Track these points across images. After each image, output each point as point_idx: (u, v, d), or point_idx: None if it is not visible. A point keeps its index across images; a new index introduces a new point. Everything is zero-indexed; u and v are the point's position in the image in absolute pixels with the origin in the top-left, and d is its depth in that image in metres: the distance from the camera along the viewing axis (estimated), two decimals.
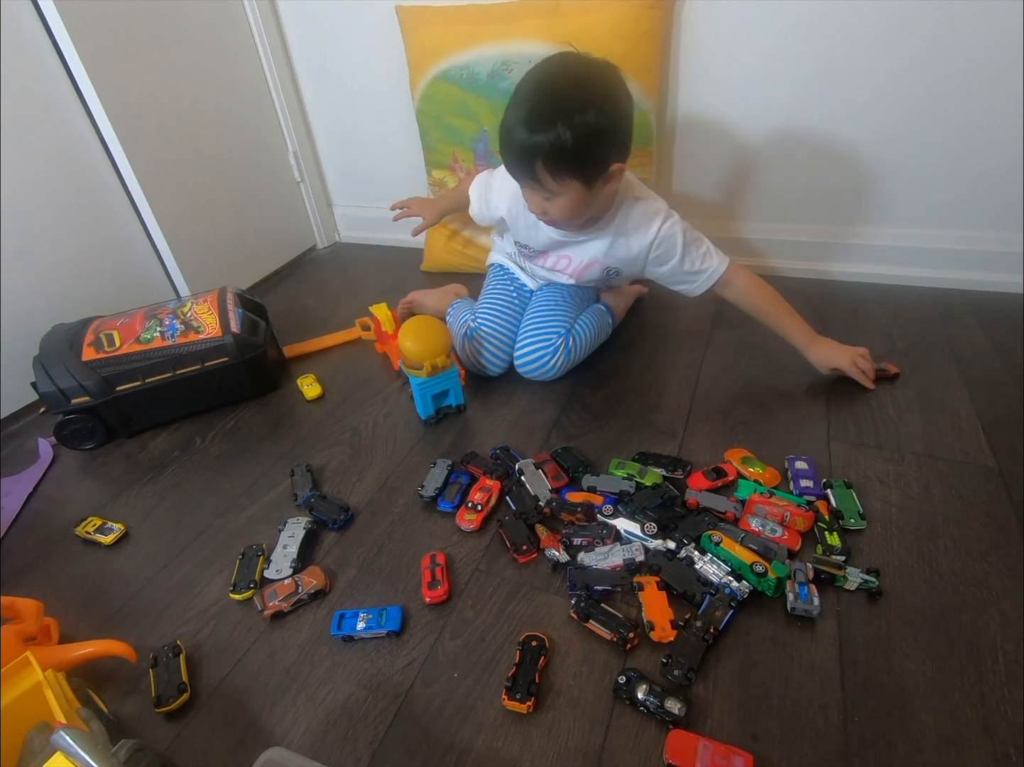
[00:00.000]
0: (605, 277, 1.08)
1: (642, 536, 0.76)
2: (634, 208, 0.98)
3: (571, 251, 1.06)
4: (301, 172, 1.72)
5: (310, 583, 0.75)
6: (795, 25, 1.14)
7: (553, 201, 0.89)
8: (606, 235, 1.00)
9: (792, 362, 1.09)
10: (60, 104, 1.19)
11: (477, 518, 0.82)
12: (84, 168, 1.24)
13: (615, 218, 0.98)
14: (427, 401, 1.00)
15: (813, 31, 1.14)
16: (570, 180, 0.85)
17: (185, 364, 1.07)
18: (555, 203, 0.89)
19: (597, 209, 0.95)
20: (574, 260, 1.07)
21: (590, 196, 0.88)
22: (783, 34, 1.16)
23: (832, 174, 1.27)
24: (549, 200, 0.89)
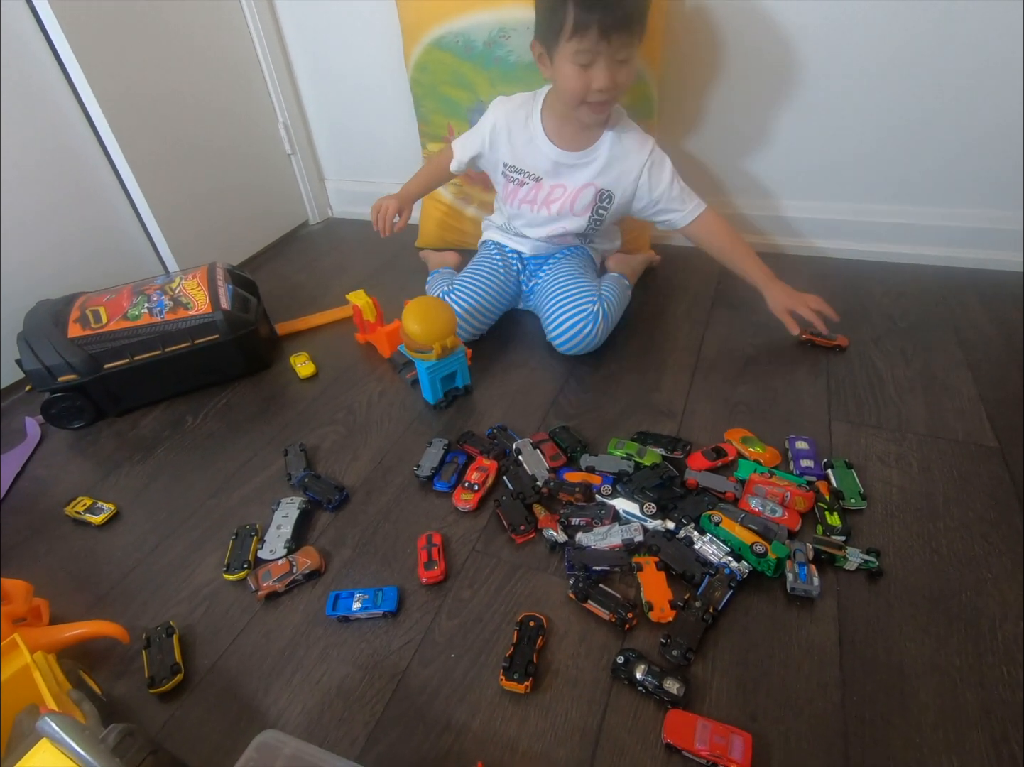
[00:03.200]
0: (597, 203, 1.07)
1: (641, 516, 0.75)
2: (628, 129, 1.03)
3: (566, 178, 1.06)
4: (292, 144, 1.67)
5: (305, 563, 0.74)
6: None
7: (627, 66, 0.91)
8: (600, 155, 1.02)
9: (792, 343, 1.08)
10: (45, 81, 1.14)
11: (474, 498, 0.81)
12: (70, 143, 1.20)
13: (609, 136, 1.02)
14: (436, 385, 0.98)
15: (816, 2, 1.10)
16: (640, 38, 0.90)
17: (174, 341, 1.04)
18: (628, 67, 0.91)
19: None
20: (569, 187, 1.06)
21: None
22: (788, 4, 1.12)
23: (833, 150, 1.24)
24: (625, 65, 0.90)
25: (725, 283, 1.29)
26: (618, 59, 0.89)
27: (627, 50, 0.89)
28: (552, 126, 1.04)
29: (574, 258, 1.17)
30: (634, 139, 1.03)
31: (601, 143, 1.02)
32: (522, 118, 1.05)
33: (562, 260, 1.17)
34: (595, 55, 0.88)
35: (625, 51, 0.89)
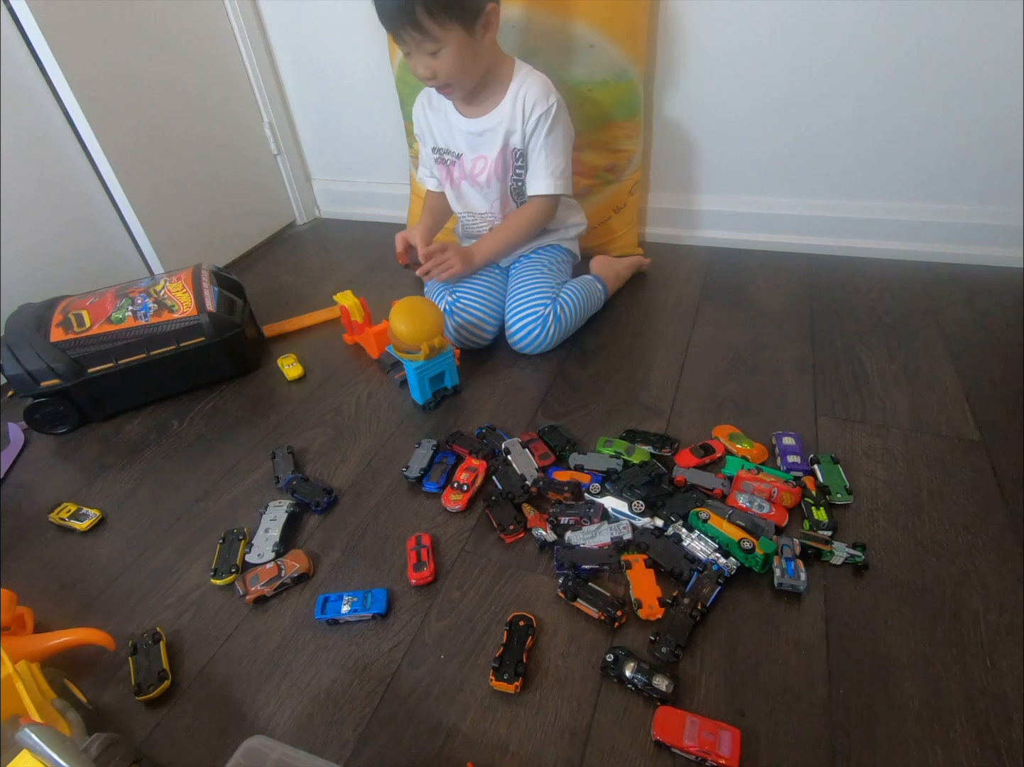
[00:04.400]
0: (513, 162, 1.06)
1: (630, 514, 0.75)
2: (533, 84, 0.99)
3: (484, 148, 1.06)
4: (278, 144, 1.66)
5: (293, 567, 0.73)
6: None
7: (440, 57, 0.89)
8: (504, 115, 1.01)
9: (780, 338, 1.09)
10: (25, 84, 1.13)
11: (463, 498, 0.81)
12: (49, 143, 1.19)
13: (511, 94, 1.00)
14: (424, 385, 0.97)
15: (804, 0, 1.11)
16: (451, 24, 0.86)
17: (159, 344, 1.03)
18: (442, 58, 0.89)
19: (483, 66, 0.96)
20: (490, 156, 1.06)
21: (473, 43, 0.90)
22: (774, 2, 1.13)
23: (819, 147, 1.25)
24: (436, 57, 0.89)
25: (712, 280, 1.29)
26: (425, 51, 0.89)
27: (429, 44, 0.88)
28: (462, 106, 1.05)
29: (542, 257, 1.16)
30: (541, 85, 0.99)
31: (504, 103, 1.00)
32: (434, 99, 1.07)
33: (531, 259, 1.17)
34: (406, 48, 0.90)
35: (429, 45, 0.88)
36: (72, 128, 1.21)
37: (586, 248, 1.33)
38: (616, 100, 1.24)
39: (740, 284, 1.27)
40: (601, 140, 1.28)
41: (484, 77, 0.99)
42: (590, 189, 1.34)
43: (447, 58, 0.90)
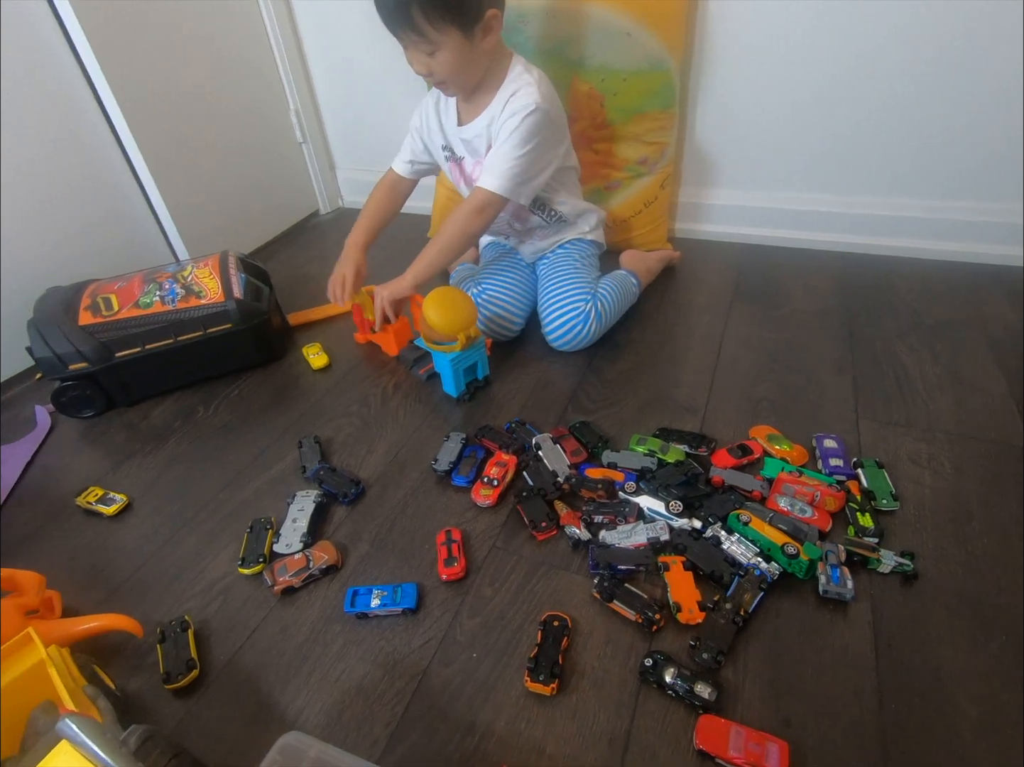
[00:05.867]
0: None
1: (667, 515, 0.73)
2: (524, 84, 0.94)
3: (477, 151, 1.02)
4: (303, 132, 1.65)
5: (321, 558, 0.72)
6: None
7: (436, 57, 0.88)
8: (492, 112, 0.96)
9: (817, 337, 1.06)
10: (59, 68, 1.13)
11: (493, 493, 0.79)
12: (83, 132, 1.19)
13: (498, 99, 0.95)
14: (459, 377, 0.95)
15: None
16: (449, 27, 0.84)
17: (186, 330, 1.02)
18: (439, 59, 0.88)
19: (481, 68, 0.93)
20: (483, 158, 1.02)
21: (471, 47, 0.88)
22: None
23: (854, 142, 1.21)
24: (432, 57, 0.88)
25: (745, 277, 1.26)
26: (422, 50, 0.87)
27: (426, 45, 0.86)
28: (461, 101, 1.02)
29: (571, 252, 1.14)
30: (522, 100, 0.92)
31: (491, 108, 0.96)
32: (443, 99, 1.04)
33: (558, 254, 1.14)
34: (404, 44, 0.89)
35: (425, 45, 0.86)
36: (106, 118, 1.21)
37: (615, 242, 1.30)
38: (651, 90, 1.21)
39: (773, 282, 1.24)
40: (634, 132, 1.26)
41: (482, 79, 0.96)
42: (621, 182, 1.32)
43: (443, 60, 0.88)
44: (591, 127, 1.27)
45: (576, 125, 1.24)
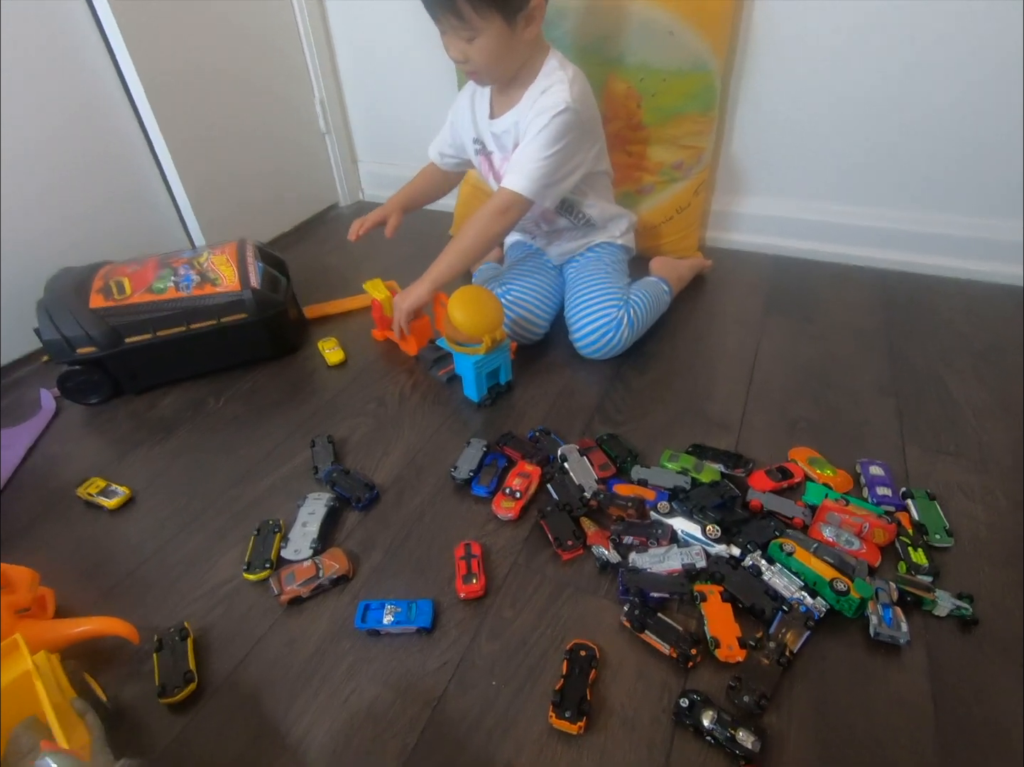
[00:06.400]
0: None
1: (704, 539, 0.68)
2: (558, 81, 0.90)
3: (507, 149, 0.98)
4: (327, 123, 1.62)
5: (332, 567, 0.68)
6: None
7: (475, 44, 0.84)
8: (520, 118, 0.92)
9: (855, 356, 1.01)
10: (82, 47, 1.10)
11: (516, 506, 0.75)
12: (104, 112, 1.15)
13: (528, 95, 0.91)
14: (482, 381, 0.91)
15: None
16: (492, 14, 0.81)
17: (200, 318, 0.98)
18: (477, 45, 0.84)
19: (518, 59, 0.89)
20: (510, 155, 0.97)
21: (511, 36, 0.84)
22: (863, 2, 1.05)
23: (898, 154, 1.16)
24: (471, 43, 0.84)
25: (777, 290, 1.21)
26: (461, 36, 0.84)
27: (466, 31, 0.83)
28: (495, 93, 0.98)
29: (601, 256, 1.10)
30: (554, 97, 0.88)
31: (521, 104, 0.92)
32: (479, 91, 1.00)
33: (587, 258, 1.10)
34: (442, 28, 0.86)
35: (465, 31, 0.83)
36: (129, 99, 1.17)
37: (643, 249, 1.26)
38: (691, 92, 1.16)
39: (807, 296, 1.19)
40: (671, 135, 1.21)
41: (517, 72, 0.92)
42: (654, 187, 1.27)
43: (481, 47, 0.84)
44: (626, 128, 1.22)
45: (611, 125, 1.20)
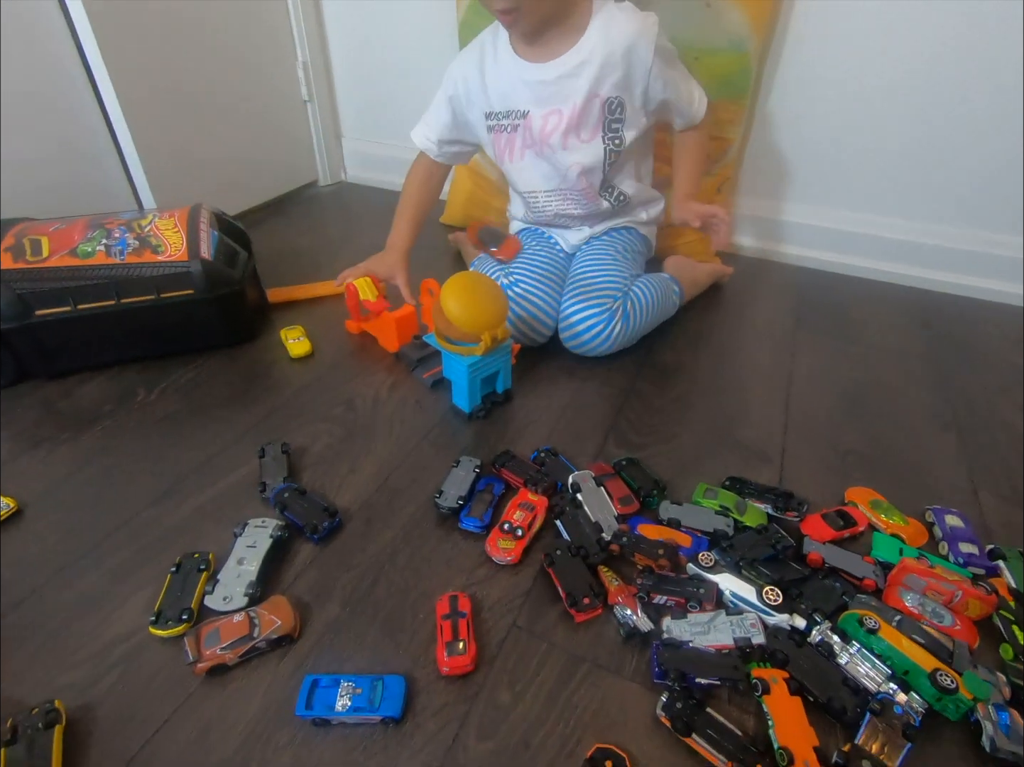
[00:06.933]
0: (606, 116, 0.85)
1: (760, 606, 0.53)
2: (620, 12, 0.80)
3: (558, 99, 0.84)
4: (310, 90, 1.45)
5: (271, 623, 0.51)
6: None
7: None
8: (593, 56, 0.81)
9: (902, 382, 0.88)
10: None
11: (516, 547, 0.59)
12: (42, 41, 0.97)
13: (596, 28, 0.80)
14: (476, 388, 0.76)
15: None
16: None
17: (134, 291, 0.81)
18: None
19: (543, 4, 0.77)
20: (565, 109, 0.85)
21: None
22: None
23: (945, 164, 1.05)
24: None
25: (807, 304, 1.09)
26: None
27: None
28: (523, 45, 0.84)
29: (615, 241, 0.96)
30: (631, 23, 0.79)
31: (586, 41, 0.81)
32: (490, 54, 0.87)
33: (602, 241, 0.97)
34: None
35: None
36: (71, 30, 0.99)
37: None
38: (726, 75, 1.03)
39: (840, 312, 1.07)
40: None
41: (556, 13, 0.78)
42: None
43: None
44: None
45: None
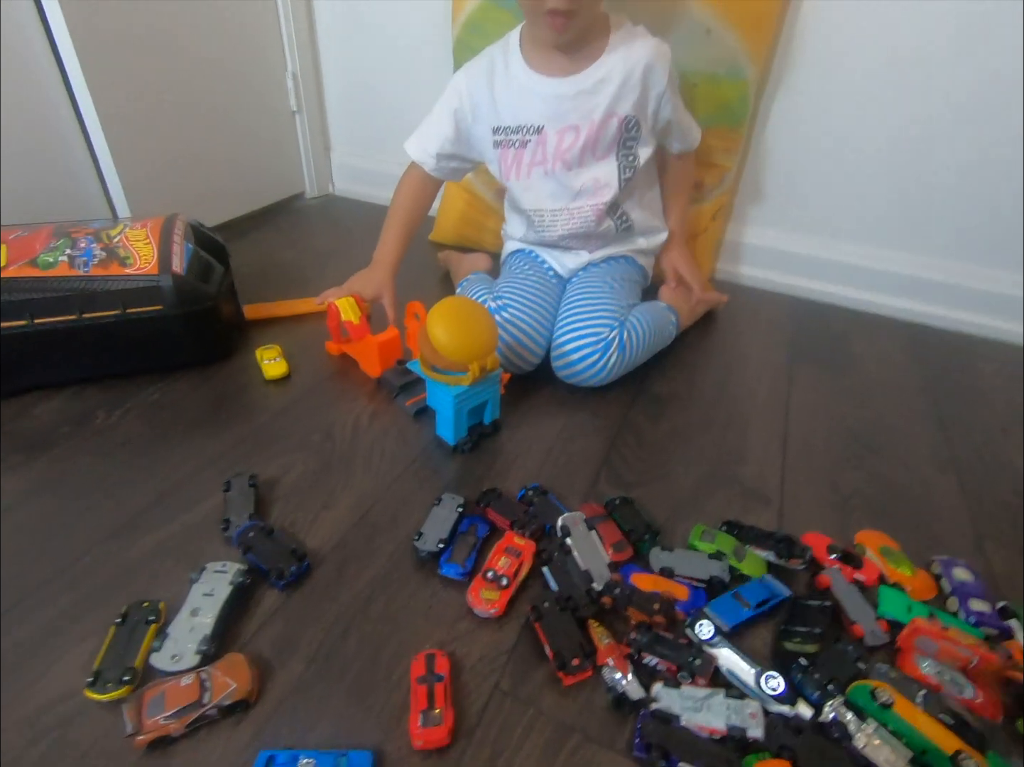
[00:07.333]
0: (623, 135, 0.84)
1: (757, 690, 0.48)
2: (638, 36, 0.81)
3: (575, 115, 0.83)
4: (299, 100, 1.41)
5: (225, 686, 0.45)
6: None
7: None
8: (612, 73, 0.80)
9: (900, 419, 0.86)
10: None
11: (500, 598, 0.54)
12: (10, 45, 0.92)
13: (618, 47, 0.80)
14: (462, 419, 0.71)
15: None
16: None
17: (98, 305, 0.76)
18: None
19: (600, 5, 0.78)
20: (583, 126, 0.83)
21: None
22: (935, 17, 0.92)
23: (946, 198, 1.03)
24: None
25: (801, 335, 1.06)
26: None
27: None
28: (538, 59, 0.82)
29: (613, 270, 0.94)
30: (649, 46, 0.80)
31: (608, 57, 0.80)
32: (500, 66, 0.84)
33: (599, 269, 0.94)
34: None
35: None
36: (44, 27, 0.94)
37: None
38: (723, 102, 1.02)
39: (835, 345, 1.05)
40: None
41: (590, 26, 0.77)
42: None
43: None
44: None
45: None
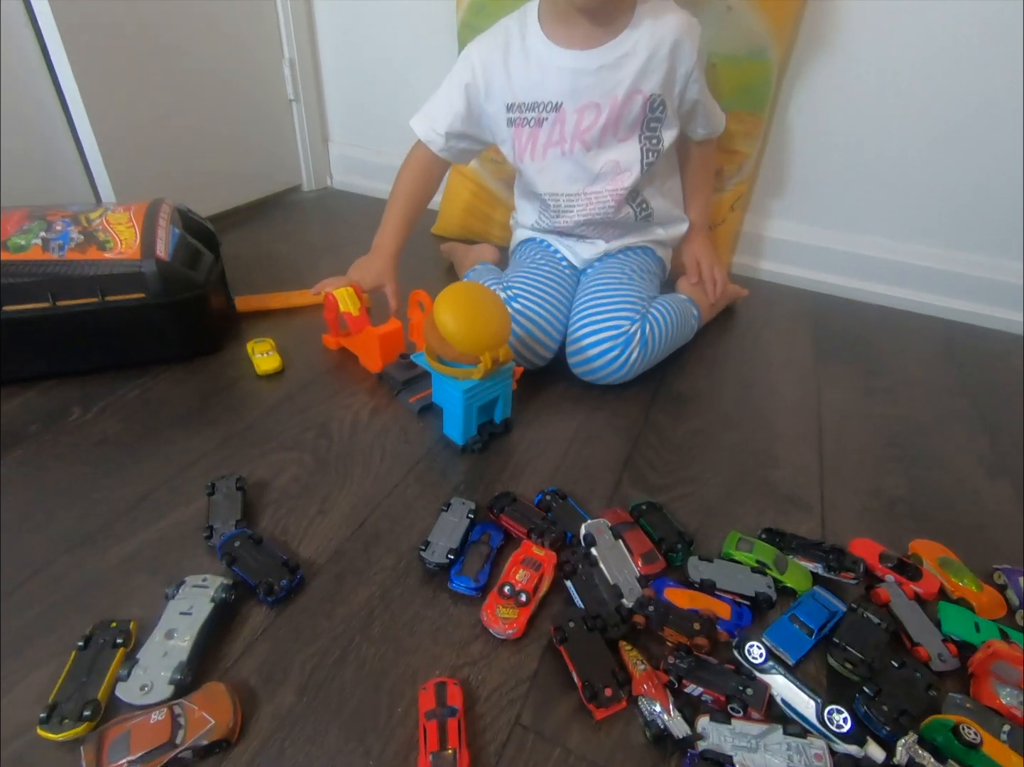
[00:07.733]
0: (647, 115, 0.78)
1: (820, 726, 0.42)
2: (667, 10, 0.75)
3: (596, 91, 0.76)
4: (296, 88, 1.35)
5: (202, 723, 0.39)
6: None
7: None
8: (637, 48, 0.74)
9: (940, 421, 0.80)
10: None
11: (519, 616, 0.48)
12: None
13: (644, 20, 0.74)
14: (471, 416, 0.65)
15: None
16: None
17: (74, 292, 0.69)
18: None
19: None
20: (604, 103, 0.77)
21: None
22: None
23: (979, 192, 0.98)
24: None
25: (826, 332, 1.00)
26: None
27: None
28: (558, 30, 0.75)
29: (630, 260, 0.88)
30: (679, 20, 0.75)
31: (633, 31, 0.73)
32: (516, 39, 0.77)
33: (616, 259, 0.88)
34: None
35: None
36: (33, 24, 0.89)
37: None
38: (744, 84, 0.96)
39: (861, 342, 0.99)
40: None
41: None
42: None
43: None
44: None
45: None
